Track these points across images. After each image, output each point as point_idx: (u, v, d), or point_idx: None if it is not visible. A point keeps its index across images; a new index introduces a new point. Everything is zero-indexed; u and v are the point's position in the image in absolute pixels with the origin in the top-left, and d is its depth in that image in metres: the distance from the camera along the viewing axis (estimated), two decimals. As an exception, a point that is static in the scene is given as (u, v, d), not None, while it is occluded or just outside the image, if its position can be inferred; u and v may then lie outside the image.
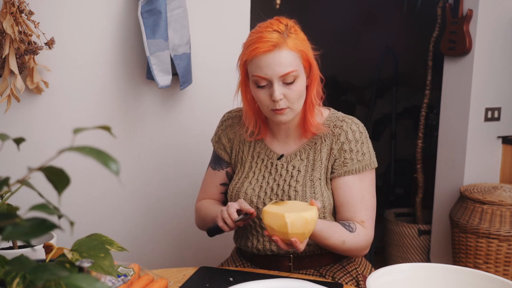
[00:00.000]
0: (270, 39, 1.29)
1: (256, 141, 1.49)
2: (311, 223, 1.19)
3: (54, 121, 1.91)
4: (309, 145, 1.43)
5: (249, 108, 1.43)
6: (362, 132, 1.41)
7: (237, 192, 1.45)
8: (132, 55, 1.97)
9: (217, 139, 1.56)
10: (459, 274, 1.11)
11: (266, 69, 1.30)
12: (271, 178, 1.43)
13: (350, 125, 1.40)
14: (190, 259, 2.16)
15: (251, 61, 1.32)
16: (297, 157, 1.43)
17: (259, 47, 1.29)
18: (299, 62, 1.32)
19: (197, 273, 1.32)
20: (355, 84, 4.28)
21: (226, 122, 1.55)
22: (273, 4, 4.25)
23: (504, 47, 2.76)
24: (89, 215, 2.00)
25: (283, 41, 1.29)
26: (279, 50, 1.29)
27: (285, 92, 1.31)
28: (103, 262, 0.76)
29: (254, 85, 1.35)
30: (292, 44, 1.30)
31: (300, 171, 1.41)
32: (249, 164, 1.48)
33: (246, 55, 1.33)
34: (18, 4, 1.69)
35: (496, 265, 2.51)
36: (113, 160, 0.55)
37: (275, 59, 1.29)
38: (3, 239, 0.58)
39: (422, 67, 3.19)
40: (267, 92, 1.33)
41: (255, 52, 1.30)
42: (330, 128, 1.41)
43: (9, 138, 0.63)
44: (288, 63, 1.30)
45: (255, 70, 1.32)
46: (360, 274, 1.46)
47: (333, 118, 1.43)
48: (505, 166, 2.87)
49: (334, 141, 1.39)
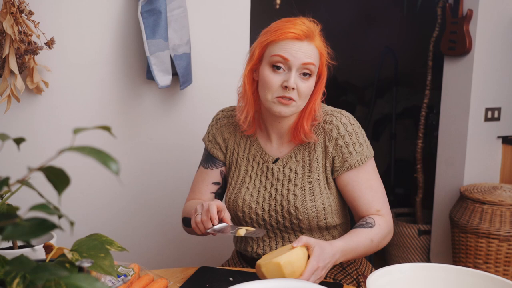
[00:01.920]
0: (303, 27, 1.32)
1: (251, 143, 1.46)
2: (288, 266, 1.13)
3: (54, 121, 1.91)
4: (303, 146, 1.41)
5: (251, 96, 1.39)
6: (353, 123, 1.39)
7: (235, 199, 1.43)
8: (132, 55, 1.97)
9: (211, 137, 1.52)
10: (459, 274, 1.11)
11: (292, 52, 1.30)
12: (268, 183, 1.41)
13: (340, 119, 1.38)
14: (190, 259, 2.16)
15: (278, 43, 1.32)
16: (293, 159, 1.41)
17: (292, 32, 1.30)
18: (317, 62, 1.35)
19: (197, 273, 1.32)
20: (355, 84, 4.27)
21: (221, 121, 1.52)
22: (273, 4, 4.25)
23: (504, 47, 2.76)
24: (89, 215, 2.00)
25: (313, 36, 1.33)
26: (308, 42, 1.32)
27: (298, 83, 1.31)
28: (103, 262, 0.76)
29: (269, 67, 1.33)
30: (319, 44, 1.35)
31: (298, 173, 1.39)
32: (245, 168, 1.45)
33: (274, 36, 1.32)
34: (18, 4, 1.69)
35: (496, 265, 2.51)
36: (113, 160, 0.55)
37: (303, 48, 1.31)
38: (3, 239, 0.58)
39: (422, 67, 3.19)
40: (280, 78, 1.31)
41: (286, 35, 1.31)
42: (321, 124, 1.39)
43: (9, 138, 0.63)
44: (312, 55, 1.32)
45: (278, 50, 1.31)
46: (360, 275, 1.46)
47: (322, 113, 1.41)
48: (505, 166, 2.87)
49: (327, 138, 1.38)
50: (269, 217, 1.40)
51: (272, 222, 1.41)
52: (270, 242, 1.44)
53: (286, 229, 1.41)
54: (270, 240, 1.44)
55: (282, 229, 1.42)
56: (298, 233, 1.41)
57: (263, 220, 1.41)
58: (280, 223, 1.40)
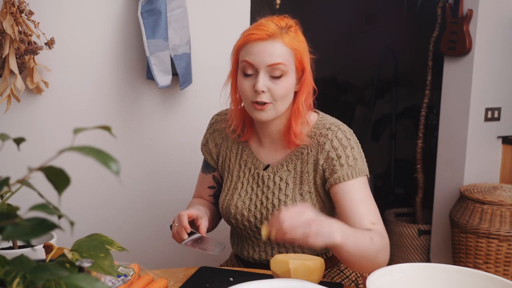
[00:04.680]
0: (267, 28, 1.26)
1: (244, 148, 1.43)
2: (314, 272, 1.17)
3: (54, 121, 1.91)
4: (295, 155, 1.36)
5: (235, 106, 1.39)
6: (349, 138, 1.33)
7: (228, 205, 1.41)
8: (132, 55, 1.97)
9: (204, 142, 1.51)
10: (459, 274, 1.11)
11: (255, 56, 1.26)
12: (259, 190, 1.39)
13: (335, 133, 1.32)
14: (190, 259, 2.16)
15: (244, 47, 1.29)
16: (284, 168, 1.37)
17: (254, 34, 1.26)
18: (290, 60, 1.27)
19: (197, 273, 1.32)
20: (355, 84, 4.27)
21: (214, 125, 1.50)
22: (273, 4, 4.26)
23: (504, 47, 2.76)
24: (89, 215, 2.00)
25: (279, 35, 1.26)
26: (272, 41, 1.25)
27: (270, 85, 1.26)
28: (103, 262, 0.76)
29: (241, 73, 1.30)
30: (288, 41, 1.27)
31: (288, 184, 1.35)
32: (237, 173, 1.43)
33: (240, 41, 1.30)
34: (18, 4, 1.69)
35: (496, 265, 2.51)
36: (113, 160, 0.55)
37: (266, 48, 1.25)
38: (3, 239, 0.58)
39: (422, 67, 3.19)
40: (251, 82, 1.27)
41: (248, 38, 1.27)
42: (316, 137, 1.34)
43: (9, 138, 0.63)
44: (278, 54, 1.25)
45: (244, 55, 1.28)
46: (359, 276, 1.46)
47: (320, 126, 1.35)
48: (505, 166, 2.87)
49: (319, 150, 1.32)
50: (261, 225, 1.37)
51: None
52: (266, 248, 1.42)
53: None
54: (266, 245, 1.42)
55: None
56: None
57: (255, 227, 1.39)
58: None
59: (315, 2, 4.12)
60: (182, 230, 1.27)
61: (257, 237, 1.40)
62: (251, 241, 1.43)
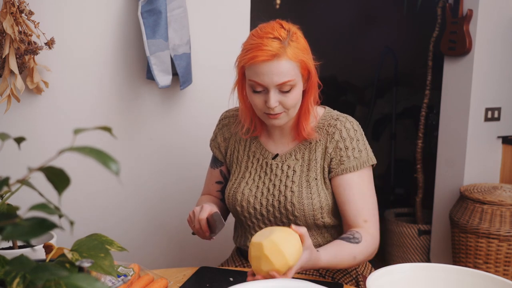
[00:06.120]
0: (270, 48, 1.27)
1: (252, 140, 1.49)
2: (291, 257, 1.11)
3: (54, 121, 1.91)
4: (304, 145, 1.42)
5: (245, 106, 1.43)
6: (356, 129, 1.40)
7: (234, 193, 1.45)
8: (132, 55, 1.97)
9: (213, 137, 1.57)
10: (459, 274, 1.11)
11: (263, 77, 1.29)
12: (266, 178, 1.43)
13: (344, 123, 1.39)
14: (190, 259, 2.16)
15: (250, 67, 1.31)
16: (292, 157, 1.42)
17: (258, 56, 1.27)
18: (297, 72, 1.31)
19: (197, 273, 1.32)
20: (355, 84, 4.28)
21: (223, 121, 1.56)
22: (273, 4, 4.25)
23: (504, 47, 2.76)
24: (89, 215, 2.00)
25: (283, 51, 1.27)
26: (278, 60, 1.27)
27: (281, 99, 1.31)
28: (103, 262, 0.76)
29: (250, 89, 1.34)
30: (292, 54, 1.29)
31: (296, 171, 1.40)
32: (245, 164, 1.48)
33: (244, 61, 1.32)
34: (18, 4, 1.69)
35: (496, 265, 2.51)
36: (113, 160, 0.55)
37: (273, 68, 1.27)
38: (3, 239, 0.58)
39: (422, 67, 3.19)
40: (262, 98, 1.32)
41: (253, 60, 1.28)
42: (325, 127, 1.40)
43: (9, 138, 0.63)
44: (286, 72, 1.28)
45: (252, 75, 1.31)
46: (360, 275, 1.46)
47: (327, 117, 1.42)
48: (505, 166, 2.87)
49: (329, 140, 1.39)
50: (266, 212, 1.42)
51: (269, 217, 1.42)
52: None
53: (283, 225, 1.42)
54: None
55: (280, 225, 1.42)
56: None
57: (260, 215, 1.43)
58: (278, 218, 1.41)
59: (315, 2, 4.12)
60: (201, 231, 1.36)
61: (261, 226, 1.44)
62: (254, 231, 1.45)
